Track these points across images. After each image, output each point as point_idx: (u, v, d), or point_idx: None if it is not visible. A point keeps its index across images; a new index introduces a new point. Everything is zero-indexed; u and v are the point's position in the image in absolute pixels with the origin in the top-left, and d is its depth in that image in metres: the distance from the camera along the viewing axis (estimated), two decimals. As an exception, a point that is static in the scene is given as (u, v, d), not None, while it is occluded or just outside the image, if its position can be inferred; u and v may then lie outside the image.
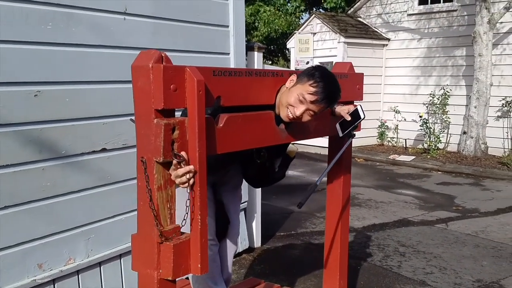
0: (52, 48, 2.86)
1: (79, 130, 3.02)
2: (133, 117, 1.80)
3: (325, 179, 2.89)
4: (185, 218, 1.81)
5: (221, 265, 2.62)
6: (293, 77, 2.21)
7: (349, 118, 2.30)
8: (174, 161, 1.74)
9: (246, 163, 2.52)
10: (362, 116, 2.27)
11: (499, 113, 9.83)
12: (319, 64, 2.36)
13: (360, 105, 2.32)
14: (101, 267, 3.24)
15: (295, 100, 2.13)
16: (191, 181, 1.74)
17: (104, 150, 3.17)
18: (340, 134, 2.34)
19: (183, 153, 1.73)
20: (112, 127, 3.20)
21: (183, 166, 1.73)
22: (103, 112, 3.16)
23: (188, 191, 1.77)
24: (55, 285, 2.98)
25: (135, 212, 1.82)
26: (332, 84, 2.19)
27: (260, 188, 4.55)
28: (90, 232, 3.13)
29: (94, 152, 3.11)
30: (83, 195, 3.07)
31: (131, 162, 3.12)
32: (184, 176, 1.73)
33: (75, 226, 3.04)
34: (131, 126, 3.13)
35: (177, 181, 1.75)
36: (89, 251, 3.14)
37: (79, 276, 3.11)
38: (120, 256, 3.35)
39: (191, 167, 1.73)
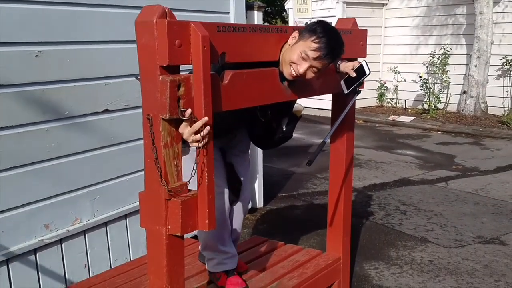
0: (52, 7, 2.82)
1: (81, 91, 3.01)
2: (138, 75, 1.79)
3: (328, 140, 2.90)
4: (192, 175, 1.82)
5: (231, 226, 2.61)
6: (295, 34, 2.17)
7: (354, 75, 2.28)
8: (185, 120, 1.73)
9: (252, 124, 2.51)
10: (367, 72, 2.25)
11: (499, 72, 9.76)
12: (319, 20, 2.31)
13: (365, 61, 2.30)
14: (107, 227, 3.28)
15: (297, 57, 2.10)
16: (206, 139, 1.74)
17: (106, 111, 3.16)
18: (346, 91, 2.33)
19: (188, 110, 1.72)
20: (115, 88, 3.19)
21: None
22: (105, 73, 3.13)
23: (199, 146, 1.75)
24: (62, 245, 3.02)
25: (140, 173, 1.84)
26: (335, 39, 2.15)
27: (263, 150, 4.56)
28: (95, 192, 3.16)
29: (96, 113, 3.11)
30: (88, 156, 3.08)
31: (134, 123, 3.16)
32: (199, 134, 1.71)
33: (80, 187, 3.07)
34: (134, 87, 3.14)
35: (191, 138, 1.73)
36: (95, 211, 3.18)
37: (86, 236, 3.15)
38: (125, 216, 3.39)
39: (205, 118, 1.72)
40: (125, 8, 3.16)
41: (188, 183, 1.83)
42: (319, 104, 9.67)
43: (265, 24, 19.28)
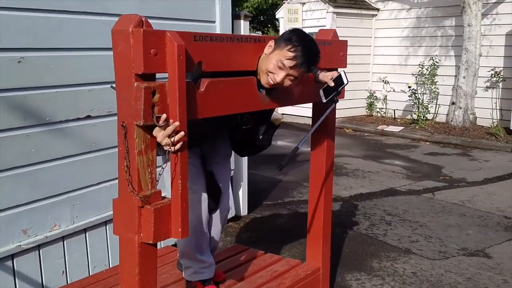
0: (35, 14, 2.84)
1: (63, 97, 3.01)
2: (113, 84, 1.80)
3: (309, 148, 2.91)
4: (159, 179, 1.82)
5: (209, 234, 2.61)
6: (271, 43, 2.18)
7: (332, 84, 2.30)
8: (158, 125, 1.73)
9: (232, 131, 2.52)
10: (345, 82, 2.27)
11: (487, 84, 9.84)
12: (296, 27, 2.35)
13: (344, 71, 2.32)
14: (87, 234, 3.27)
15: (274, 66, 2.12)
16: (179, 144, 1.74)
17: (88, 117, 3.16)
18: (324, 100, 2.35)
19: (163, 116, 1.72)
20: (97, 94, 3.19)
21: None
22: (88, 79, 3.14)
23: (172, 150, 1.76)
24: (40, 251, 3.00)
25: (120, 179, 1.83)
26: (310, 47, 2.16)
27: (246, 157, 4.56)
28: (75, 198, 3.15)
29: (78, 119, 3.11)
30: (68, 162, 3.08)
31: (116, 129, 3.13)
32: (171, 138, 1.72)
33: (60, 193, 3.06)
34: (116, 94, 3.13)
35: (164, 142, 1.73)
36: (75, 217, 3.16)
37: (65, 242, 3.14)
38: (105, 222, 3.38)
39: (177, 123, 1.72)
40: (109, 16, 3.17)
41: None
42: (308, 112, 9.67)
43: (257, 33, 19.42)
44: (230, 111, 2.08)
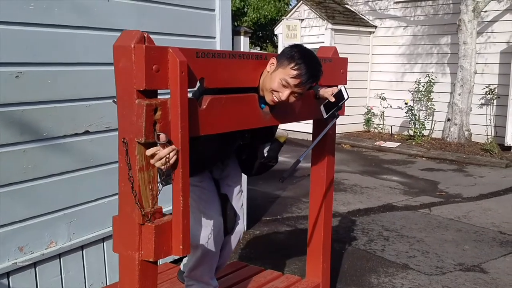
0: (34, 29, 2.82)
1: (61, 112, 2.99)
2: (115, 99, 1.78)
3: (309, 164, 2.90)
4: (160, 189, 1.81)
5: (220, 253, 2.60)
6: (273, 60, 2.18)
7: (333, 100, 2.30)
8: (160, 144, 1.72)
9: (237, 151, 2.52)
10: (346, 97, 2.27)
11: (482, 101, 9.94)
12: (296, 43, 2.36)
13: (344, 86, 2.33)
14: (84, 251, 3.23)
15: (278, 85, 2.11)
16: (172, 160, 1.72)
17: (87, 132, 3.14)
18: (325, 116, 2.35)
19: (162, 135, 1.71)
20: (96, 110, 3.17)
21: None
22: (87, 94, 3.12)
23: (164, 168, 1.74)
24: (36, 268, 2.96)
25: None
26: (313, 63, 2.16)
27: (249, 177, 4.55)
28: (72, 215, 3.11)
29: (76, 134, 3.09)
30: (66, 178, 3.04)
31: (115, 145, 3.11)
32: (164, 159, 1.70)
33: (57, 209, 3.02)
34: (115, 109, 3.12)
35: (158, 164, 1.71)
36: (71, 234, 3.12)
37: (61, 259, 3.09)
38: (103, 239, 3.34)
39: (174, 147, 1.71)
40: (108, 31, 3.17)
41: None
42: (307, 128, 9.69)
43: (256, 49, 19.56)
44: (232, 128, 2.07)
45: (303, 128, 9.77)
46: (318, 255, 2.96)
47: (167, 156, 1.70)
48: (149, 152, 1.72)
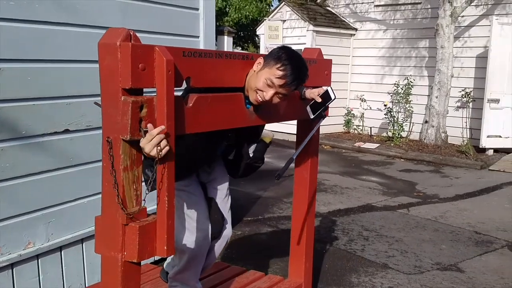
0: (14, 24, 2.75)
1: (41, 110, 2.92)
2: (97, 100, 1.75)
3: (292, 165, 2.90)
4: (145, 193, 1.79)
5: (206, 256, 2.58)
6: (260, 60, 2.18)
7: (319, 100, 2.31)
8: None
9: (223, 153, 2.51)
10: (332, 97, 2.28)
11: (458, 104, 10.10)
12: (283, 45, 2.35)
13: (330, 87, 2.34)
14: (62, 252, 3.16)
15: (263, 84, 2.11)
16: (164, 147, 1.69)
17: (67, 131, 3.08)
18: (312, 116, 2.36)
19: (150, 125, 1.68)
20: (76, 108, 3.11)
21: None
22: (67, 92, 3.06)
23: (157, 157, 1.71)
24: (14, 270, 2.89)
25: (99, 196, 1.78)
26: (299, 65, 2.16)
27: (236, 178, 4.53)
28: (51, 215, 3.05)
29: (56, 133, 3.02)
30: (44, 177, 2.98)
31: (95, 144, 3.09)
32: (155, 144, 1.67)
33: (35, 209, 2.95)
34: (95, 107, 3.09)
35: (147, 148, 1.67)
36: (50, 235, 3.06)
37: (39, 260, 3.02)
38: (82, 240, 3.27)
39: (162, 127, 1.68)
40: (91, 28, 3.11)
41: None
42: (287, 128, 9.73)
43: (237, 49, 19.56)
44: (218, 126, 2.06)
45: (285, 128, 9.79)
46: (300, 255, 2.96)
47: (159, 144, 1.67)
48: (142, 143, 1.68)
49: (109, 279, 1.76)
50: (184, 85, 1.93)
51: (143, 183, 1.83)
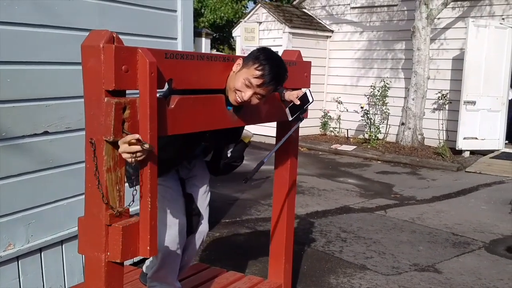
0: (-6, 26, 2.75)
1: (20, 112, 2.91)
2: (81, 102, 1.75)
3: (272, 167, 2.94)
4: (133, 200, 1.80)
5: (183, 253, 2.59)
6: (239, 61, 2.20)
7: (298, 102, 2.34)
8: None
9: (203, 152, 2.53)
10: (310, 100, 2.31)
11: (435, 106, 10.23)
12: (264, 46, 2.38)
13: (309, 89, 2.38)
14: (42, 253, 3.15)
15: (241, 84, 2.13)
16: (139, 158, 1.70)
17: (46, 133, 3.07)
18: (290, 118, 2.40)
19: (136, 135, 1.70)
20: (56, 110, 3.11)
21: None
22: (46, 94, 3.05)
23: (131, 160, 1.72)
24: (-6, 271, 2.88)
25: (79, 197, 1.80)
26: (278, 65, 2.18)
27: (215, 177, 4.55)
28: (30, 217, 3.04)
29: (35, 135, 3.01)
30: (24, 179, 2.97)
31: (75, 146, 3.09)
32: (129, 152, 1.68)
33: (15, 211, 2.94)
34: (76, 109, 3.09)
35: (124, 151, 1.68)
36: (30, 236, 3.04)
37: (19, 262, 3.01)
38: (62, 242, 3.27)
39: (136, 135, 1.68)
40: (70, 30, 3.11)
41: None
42: (266, 131, 9.75)
43: (213, 51, 19.55)
44: (200, 128, 2.08)
45: (264, 131, 9.81)
46: (280, 256, 2.99)
47: (135, 153, 1.68)
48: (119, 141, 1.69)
49: (93, 279, 1.78)
50: (166, 87, 1.95)
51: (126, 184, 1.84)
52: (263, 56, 2.14)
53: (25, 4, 2.87)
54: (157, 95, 1.79)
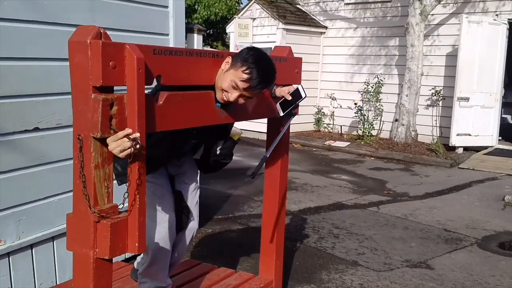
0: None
1: (10, 108, 2.90)
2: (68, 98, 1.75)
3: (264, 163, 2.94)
4: (124, 197, 1.80)
5: (174, 250, 2.60)
6: (228, 59, 2.18)
7: (289, 98, 2.33)
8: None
9: (192, 149, 2.53)
10: (303, 95, 2.30)
11: (428, 102, 10.25)
12: (252, 46, 2.35)
13: (301, 85, 2.37)
14: (33, 250, 3.15)
15: (228, 85, 2.12)
16: (131, 149, 1.70)
17: (37, 129, 3.07)
18: (281, 114, 2.37)
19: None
20: (46, 106, 3.10)
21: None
22: (36, 90, 3.05)
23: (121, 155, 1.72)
24: (-15, 268, 2.88)
25: (69, 194, 1.79)
26: (266, 69, 2.16)
27: (204, 174, 4.56)
28: (21, 213, 3.04)
29: (26, 131, 3.01)
30: (14, 175, 2.97)
31: (65, 142, 3.07)
32: (120, 147, 1.68)
33: (5, 207, 2.94)
34: (66, 105, 3.08)
35: (111, 146, 1.69)
36: (20, 233, 3.05)
37: (10, 258, 3.01)
38: (53, 238, 3.27)
39: (129, 130, 1.69)
40: (60, 26, 3.10)
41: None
42: (257, 127, 9.77)
43: (206, 47, 19.53)
44: (188, 124, 2.08)
45: (254, 127, 9.81)
46: (271, 253, 3.00)
47: (124, 146, 1.68)
48: (108, 139, 1.70)
49: (81, 275, 1.77)
50: (154, 83, 1.94)
51: (114, 181, 1.84)
52: (252, 59, 2.11)
53: (14, 0, 2.85)
54: (145, 91, 1.79)
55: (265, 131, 2.93)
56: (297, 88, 2.34)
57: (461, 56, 9.18)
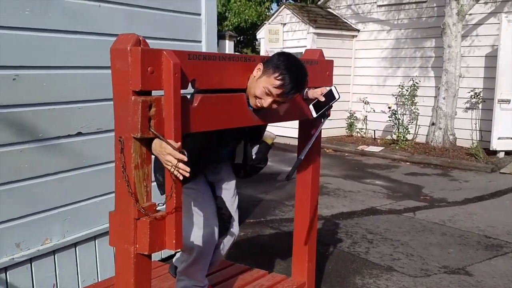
0: (30, 33, 2.91)
1: (55, 114, 3.08)
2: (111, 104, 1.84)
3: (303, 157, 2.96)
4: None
5: (214, 253, 2.66)
6: (260, 66, 2.21)
7: (323, 99, 2.33)
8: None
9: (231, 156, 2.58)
10: (337, 96, 2.30)
11: (467, 105, 9.93)
12: (283, 51, 2.38)
13: (335, 86, 2.37)
14: (76, 248, 3.31)
15: (261, 92, 2.16)
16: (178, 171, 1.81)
17: (79, 134, 3.23)
18: (314, 115, 2.38)
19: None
20: (87, 112, 3.26)
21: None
22: (79, 97, 3.21)
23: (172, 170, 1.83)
24: (32, 264, 3.04)
25: (110, 195, 1.90)
26: (298, 74, 2.18)
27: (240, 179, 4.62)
28: (66, 213, 3.20)
29: (69, 136, 3.17)
30: (59, 177, 3.13)
31: (106, 146, 3.23)
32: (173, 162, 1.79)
33: (51, 207, 3.11)
34: (106, 111, 3.24)
35: (166, 158, 1.80)
36: (65, 232, 3.21)
37: (55, 256, 3.18)
38: (95, 237, 3.42)
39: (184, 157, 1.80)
40: (100, 35, 3.26)
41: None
42: (289, 132, 9.72)
43: (236, 53, 19.63)
44: (222, 125, 2.15)
45: (286, 132, 9.74)
46: (303, 255, 3.01)
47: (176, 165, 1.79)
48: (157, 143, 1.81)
49: (123, 270, 1.88)
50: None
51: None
52: (284, 65, 2.15)
53: (59, 12, 3.03)
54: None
55: (296, 136, 2.95)
56: (331, 89, 2.33)
57: (501, 56, 8.87)
